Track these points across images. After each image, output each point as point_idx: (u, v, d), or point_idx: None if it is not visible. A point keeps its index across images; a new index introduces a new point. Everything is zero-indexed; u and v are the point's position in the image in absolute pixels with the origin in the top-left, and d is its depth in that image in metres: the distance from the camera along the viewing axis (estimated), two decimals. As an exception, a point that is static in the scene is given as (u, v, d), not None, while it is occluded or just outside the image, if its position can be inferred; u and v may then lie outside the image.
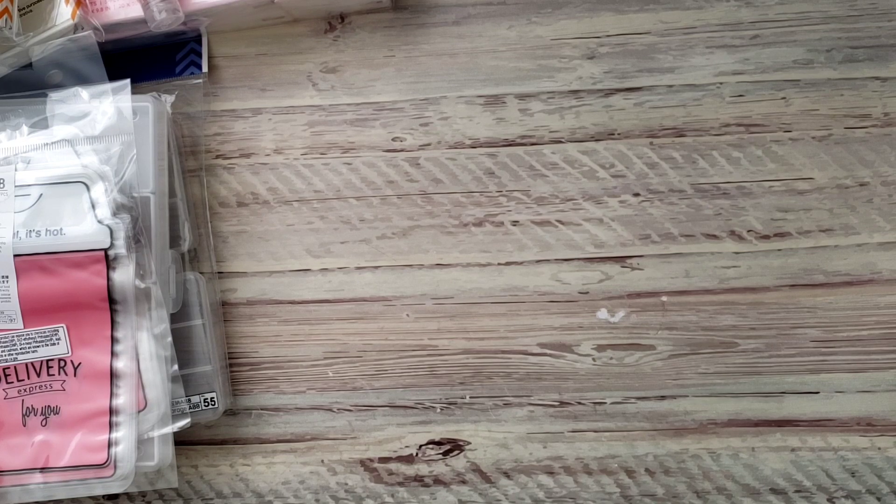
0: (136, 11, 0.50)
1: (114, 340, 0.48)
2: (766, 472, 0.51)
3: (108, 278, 0.47)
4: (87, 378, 0.48)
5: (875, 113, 0.52)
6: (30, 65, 0.50)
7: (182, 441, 0.52)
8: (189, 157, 0.54)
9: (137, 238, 0.48)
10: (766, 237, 0.52)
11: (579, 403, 0.52)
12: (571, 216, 0.53)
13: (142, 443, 0.48)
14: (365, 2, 0.53)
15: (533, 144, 0.53)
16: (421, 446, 0.53)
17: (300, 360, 0.53)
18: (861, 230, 0.51)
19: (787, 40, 0.52)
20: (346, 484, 0.53)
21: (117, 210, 0.48)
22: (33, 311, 0.47)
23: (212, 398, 0.51)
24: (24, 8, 0.50)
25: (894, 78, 0.52)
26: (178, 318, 0.51)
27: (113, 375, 0.48)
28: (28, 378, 0.48)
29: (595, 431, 0.52)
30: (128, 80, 0.50)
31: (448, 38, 0.54)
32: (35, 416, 0.48)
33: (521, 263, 0.53)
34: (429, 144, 0.54)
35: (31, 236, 0.47)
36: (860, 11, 0.52)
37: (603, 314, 0.52)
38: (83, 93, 0.50)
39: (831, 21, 0.52)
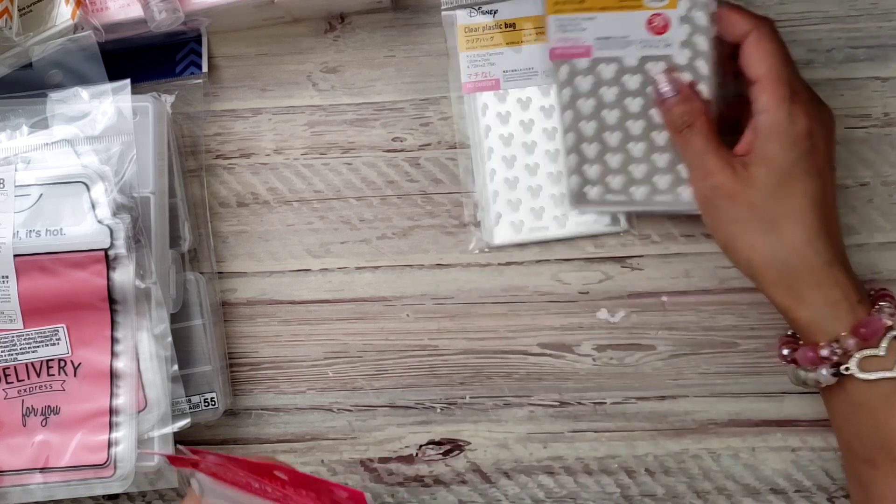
0: (136, 11, 0.50)
1: (114, 340, 0.48)
2: (766, 472, 0.51)
3: (109, 278, 0.47)
4: (87, 378, 0.48)
5: (875, 113, 0.52)
6: (30, 65, 0.50)
7: (182, 441, 0.52)
8: (189, 157, 0.54)
9: (137, 238, 0.48)
10: (766, 237, 0.52)
11: (579, 403, 0.52)
12: (571, 216, 0.53)
13: (142, 443, 0.48)
14: (365, 2, 0.53)
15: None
16: (421, 446, 0.53)
17: (300, 360, 0.53)
18: (861, 230, 0.51)
19: (787, 40, 0.52)
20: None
21: (117, 210, 0.48)
22: (33, 311, 0.47)
23: (212, 398, 0.51)
24: (24, 8, 0.50)
25: (894, 78, 0.52)
26: (178, 318, 0.51)
27: (113, 375, 0.48)
28: (28, 378, 0.48)
29: (595, 431, 0.52)
30: (128, 80, 0.50)
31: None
32: (35, 416, 0.48)
33: (521, 263, 0.53)
34: (429, 144, 0.54)
35: (31, 236, 0.47)
36: (860, 11, 0.52)
37: (603, 314, 0.52)
38: (83, 93, 0.50)
39: (831, 21, 0.52)
